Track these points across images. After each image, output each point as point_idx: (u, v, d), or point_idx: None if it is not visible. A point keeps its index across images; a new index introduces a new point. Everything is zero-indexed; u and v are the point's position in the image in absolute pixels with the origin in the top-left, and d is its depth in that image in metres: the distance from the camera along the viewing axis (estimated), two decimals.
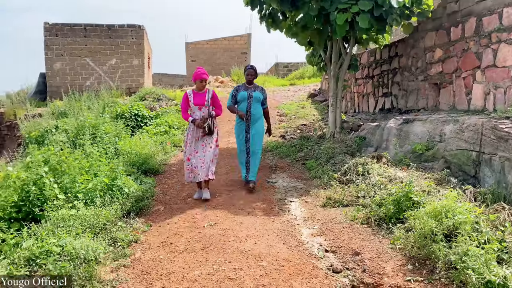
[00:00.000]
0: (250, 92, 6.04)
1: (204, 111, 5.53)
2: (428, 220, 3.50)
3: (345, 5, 6.46)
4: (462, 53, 6.73)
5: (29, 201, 4.32)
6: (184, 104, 5.63)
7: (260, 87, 6.24)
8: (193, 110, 5.55)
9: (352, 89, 11.69)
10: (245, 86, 6.17)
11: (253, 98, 6.01)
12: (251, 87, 6.14)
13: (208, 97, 5.60)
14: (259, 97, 6.07)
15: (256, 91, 6.11)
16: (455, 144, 5.37)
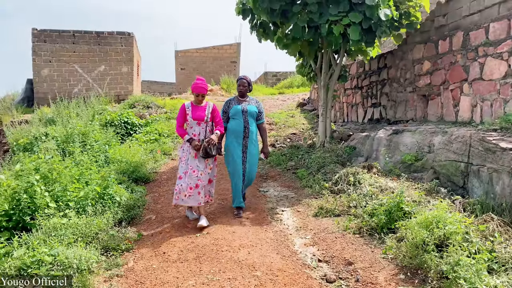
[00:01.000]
0: (244, 106, 5.31)
1: (203, 126, 4.92)
2: (419, 230, 3.56)
3: (335, 18, 6.57)
4: (450, 66, 6.89)
5: (20, 210, 4.26)
6: (180, 118, 4.96)
7: (254, 100, 5.53)
8: (191, 125, 4.92)
9: (341, 99, 11.83)
10: (237, 99, 5.43)
11: (248, 112, 5.29)
12: (244, 100, 5.42)
13: (208, 111, 4.95)
14: (254, 111, 5.35)
15: (251, 104, 5.40)
16: (444, 155, 5.47)
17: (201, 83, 4.89)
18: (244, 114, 5.27)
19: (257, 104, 5.47)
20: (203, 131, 4.90)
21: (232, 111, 5.28)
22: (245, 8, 8.16)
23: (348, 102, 11.42)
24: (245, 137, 5.24)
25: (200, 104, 4.96)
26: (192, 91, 4.98)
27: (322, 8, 6.83)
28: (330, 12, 6.63)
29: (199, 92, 4.88)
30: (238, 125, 5.23)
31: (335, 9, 6.63)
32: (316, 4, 6.81)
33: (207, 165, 4.92)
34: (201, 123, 4.91)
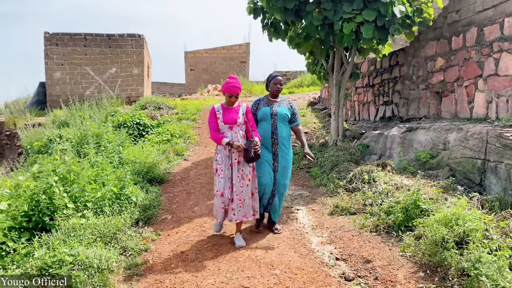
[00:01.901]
0: (274, 108, 4.55)
1: (236, 131, 4.28)
2: (438, 227, 3.54)
3: (349, 15, 6.55)
4: (464, 62, 6.83)
5: (39, 211, 4.32)
6: (213, 121, 4.30)
7: (286, 100, 4.75)
8: (222, 130, 4.28)
9: (353, 98, 11.78)
10: (267, 99, 4.65)
11: (278, 115, 4.53)
12: (275, 100, 4.65)
13: (242, 112, 4.31)
14: (286, 114, 4.58)
15: (282, 105, 4.62)
16: (459, 152, 5.43)
17: (234, 82, 4.25)
18: (273, 118, 4.52)
19: (289, 105, 4.70)
20: (235, 137, 4.26)
21: (260, 114, 4.55)
22: (257, 7, 8.17)
23: (359, 100, 11.37)
24: (274, 144, 4.53)
25: (232, 105, 4.33)
26: (223, 91, 4.35)
27: (336, 5, 6.81)
28: (344, 9, 6.61)
29: (233, 92, 4.24)
30: (266, 131, 4.52)
31: (349, 7, 6.61)
32: (330, 2, 6.79)
33: (245, 175, 4.30)
34: (233, 127, 4.27)
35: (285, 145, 4.59)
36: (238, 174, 4.27)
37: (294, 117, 4.74)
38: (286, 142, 4.60)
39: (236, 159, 4.27)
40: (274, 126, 4.53)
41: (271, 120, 4.52)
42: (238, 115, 4.28)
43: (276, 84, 4.62)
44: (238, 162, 4.28)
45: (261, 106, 4.60)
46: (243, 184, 4.27)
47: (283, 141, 4.57)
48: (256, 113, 4.57)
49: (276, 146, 4.55)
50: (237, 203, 4.25)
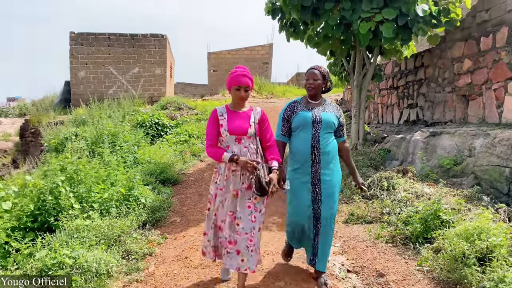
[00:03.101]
0: (316, 113, 3.30)
1: (246, 144, 3.09)
2: (459, 241, 3.26)
3: (368, 14, 6.28)
4: (493, 64, 6.44)
5: (45, 210, 4.26)
6: (212, 130, 3.14)
7: (332, 105, 3.47)
8: (226, 143, 3.11)
9: (376, 100, 11.43)
10: (306, 101, 3.40)
11: (323, 123, 3.27)
12: (317, 103, 3.38)
13: (254, 119, 3.14)
14: (332, 121, 3.32)
15: (327, 111, 3.36)
16: (486, 159, 5.09)
17: (243, 71, 3.11)
18: (316, 126, 3.26)
19: (336, 112, 3.41)
20: (245, 152, 3.07)
21: (296, 120, 3.30)
22: (275, 7, 7.98)
23: (383, 102, 11.01)
24: (314, 162, 3.25)
25: (240, 108, 3.16)
26: (229, 85, 3.14)
27: (355, 4, 6.56)
28: (362, 8, 6.35)
29: (242, 83, 3.04)
30: (304, 143, 3.26)
31: (368, 5, 6.34)
32: (348, 1, 6.54)
33: (257, 206, 3.08)
34: (242, 138, 3.07)
35: (330, 163, 3.29)
36: (248, 204, 3.04)
37: (341, 129, 3.44)
38: (331, 159, 3.30)
39: (245, 183, 3.06)
40: (316, 137, 3.23)
41: (312, 129, 3.24)
42: (249, 123, 3.09)
43: (308, 79, 3.35)
44: (249, 187, 3.04)
45: (298, 109, 3.32)
46: (255, 219, 3.03)
47: (327, 159, 3.27)
48: (290, 120, 3.34)
49: (317, 165, 3.24)
50: (245, 245, 2.99)
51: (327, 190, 3.29)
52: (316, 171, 3.27)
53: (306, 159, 3.26)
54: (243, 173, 3.07)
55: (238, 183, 3.07)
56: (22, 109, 22.93)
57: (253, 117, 3.15)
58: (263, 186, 2.96)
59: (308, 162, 3.26)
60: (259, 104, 15.89)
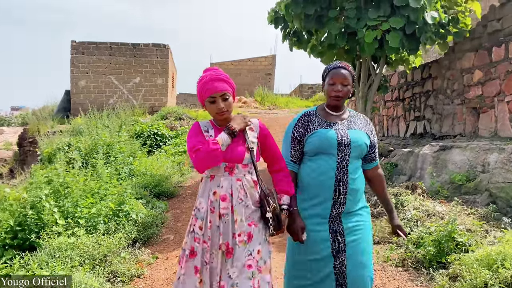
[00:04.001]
0: (342, 131, 2.31)
1: (240, 175, 2.19)
2: (480, 269, 2.91)
3: (375, 22, 6.01)
4: (506, 75, 6.14)
5: (26, 226, 3.95)
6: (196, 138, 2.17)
7: (359, 117, 2.46)
8: (211, 171, 2.19)
9: (381, 112, 11.12)
10: (324, 113, 2.40)
11: (352, 145, 2.28)
12: (338, 115, 2.38)
13: (251, 137, 2.26)
14: (364, 143, 2.33)
15: (355, 127, 2.36)
16: (501, 175, 4.76)
17: (213, 73, 2.21)
18: (343, 151, 2.25)
19: (367, 127, 2.41)
20: (238, 191, 2.16)
21: (314, 142, 2.29)
22: (278, 16, 7.76)
23: (388, 115, 10.70)
24: (337, 204, 2.24)
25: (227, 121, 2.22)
26: (200, 97, 2.23)
27: (360, 12, 6.29)
28: (369, 16, 6.08)
29: (214, 90, 2.15)
30: (324, 177, 2.25)
31: (374, 13, 6.07)
32: (354, 9, 6.29)
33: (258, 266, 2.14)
34: (235, 168, 2.18)
35: (358, 203, 2.31)
36: (248, 261, 2.10)
37: (373, 151, 2.42)
38: (360, 198, 2.33)
39: (243, 228, 2.13)
40: (343, 167, 2.23)
41: (338, 156, 2.23)
42: (245, 144, 2.21)
43: (334, 84, 2.29)
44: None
45: (314, 125, 2.32)
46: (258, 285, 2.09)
47: (355, 198, 2.28)
48: (303, 140, 2.32)
49: (340, 207, 2.23)
50: None
51: (359, 246, 2.24)
52: (338, 215, 2.23)
53: (326, 198, 2.22)
54: (237, 217, 2.10)
55: (228, 233, 2.10)
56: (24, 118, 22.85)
57: (248, 134, 2.23)
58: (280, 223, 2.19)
59: (328, 201, 2.22)
60: (261, 115, 15.63)
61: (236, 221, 2.12)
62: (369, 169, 2.44)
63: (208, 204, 2.15)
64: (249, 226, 2.15)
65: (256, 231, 2.17)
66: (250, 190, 2.19)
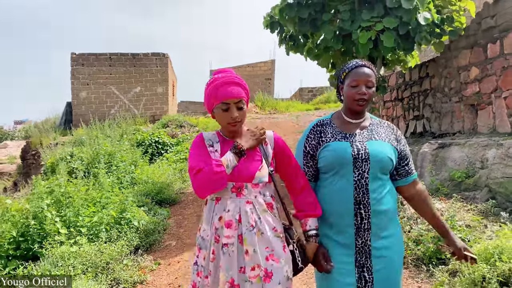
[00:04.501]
0: (359, 144, 1.94)
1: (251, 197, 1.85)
2: (478, 263, 2.93)
3: (368, 23, 6.06)
4: (502, 71, 6.16)
5: (29, 237, 3.99)
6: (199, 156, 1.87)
7: (383, 124, 2.09)
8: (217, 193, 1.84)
9: (380, 112, 11.14)
10: (341, 121, 2.05)
11: (372, 160, 1.90)
12: (358, 123, 2.03)
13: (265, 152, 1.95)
14: (387, 157, 1.92)
15: (376, 137, 1.98)
16: (500, 171, 4.77)
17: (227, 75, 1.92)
18: (360, 167, 1.90)
19: (392, 136, 2.04)
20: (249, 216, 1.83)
21: (326, 157, 1.97)
22: (273, 21, 7.82)
23: (388, 115, 10.72)
24: (360, 230, 1.89)
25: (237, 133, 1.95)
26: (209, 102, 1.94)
27: (354, 14, 6.35)
28: (362, 17, 6.14)
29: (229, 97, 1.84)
30: (341, 198, 1.91)
31: (368, 14, 6.13)
32: (348, 12, 6.34)
33: None
34: (244, 188, 1.86)
35: (387, 229, 1.94)
36: None
37: (406, 164, 2.03)
38: (389, 221, 1.95)
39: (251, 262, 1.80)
40: (361, 187, 1.88)
41: (354, 173, 1.90)
42: (259, 160, 1.91)
43: (358, 85, 1.95)
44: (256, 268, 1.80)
45: (327, 137, 1.99)
46: None
47: (382, 222, 1.92)
48: (316, 154, 2.01)
49: (366, 234, 1.89)
50: None
51: (385, 274, 1.90)
52: (364, 244, 1.89)
53: (347, 224, 1.89)
54: (247, 248, 1.78)
55: (234, 266, 1.78)
56: (27, 131, 23.01)
57: (262, 148, 1.93)
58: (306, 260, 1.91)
59: (350, 228, 1.88)
60: (261, 120, 15.67)
61: (247, 252, 1.78)
62: (405, 186, 2.01)
63: (212, 231, 1.81)
64: (266, 261, 1.78)
65: (276, 267, 1.78)
66: (264, 215, 1.84)
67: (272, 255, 1.80)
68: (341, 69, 2.09)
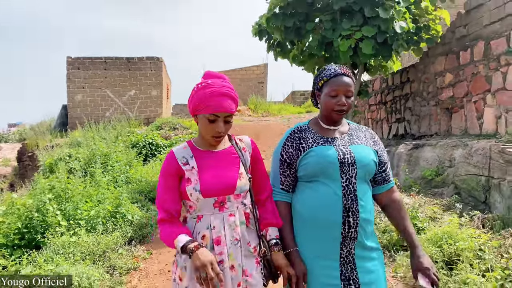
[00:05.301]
0: (344, 148, 1.87)
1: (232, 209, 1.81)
2: (428, 246, 3.36)
3: (348, 32, 6.51)
4: (472, 77, 6.63)
5: (32, 228, 4.38)
6: (165, 191, 1.81)
7: (361, 129, 2.04)
8: (198, 211, 1.80)
9: (366, 115, 11.62)
10: (319, 128, 1.97)
11: (358, 165, 1.82)
12: (336, 129, 1.95)
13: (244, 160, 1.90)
14: (372, 160, 1.87)
15: (358, 141, 1.92)
16: (464, 169, 5.22)
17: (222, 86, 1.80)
18: (347, 172, 1.81)
19: (371, 141, 1.97)
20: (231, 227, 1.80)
21: (310, 164, 1.86)
22: (262, 29, 8.25)
23: (372, 118, 11.20)
24: (346, 239, 1.79)
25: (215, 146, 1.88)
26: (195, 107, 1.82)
27: (335, 24, 6.80)
28: (342, 26, 6.58)
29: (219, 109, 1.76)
30: (328, 207, 1.79)
31: (348, 24, 6.58)
32: (329, 22, 6.79)
33: None
34: (227, 201, 1.81)
35: (370, 238, 1.87)
36: None
37: (383, 169, 1.96)
38: (373, 233, 1.92)
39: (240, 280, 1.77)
40: (350, 193, 1.79)
41: (342, 178, 1.80)
42: (239, 171, 1.85)
43: (337, 95, 1.87)
44: None
45: (308, 143, 1.90)
46: None
47: (368, 231, 1.85)
48: (296, 163, 1.91)
49: (351, 243, 1.80)
50: None
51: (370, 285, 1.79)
52: (349, 253, 1.80)
53: (334, 233, 1.78)
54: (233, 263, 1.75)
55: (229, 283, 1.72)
56: (22, 134, 23.19)
57: (240, 154, 1.88)
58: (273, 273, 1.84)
59: (337, 238, 1.78)
60: (254, 122, 16.09)
61: (233, 267, 1.74)
62: (381, 193, 1.94)
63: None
64: (241, 277, 1.76)
65: (250, 283, 1.78)
66: (241, 227, 1.79)
67: (246, 270, 1.78)
68: (318, 75, 1.97)
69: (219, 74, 1.88)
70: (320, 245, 1.79)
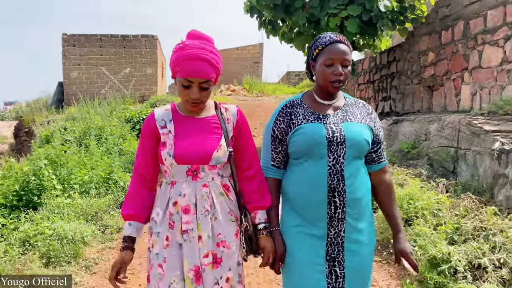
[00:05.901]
0: (334, 126, 1.77)
1: (208, 179, 1.74)
2: None
3: (335, 10, 6.73)
4: (452, 56, 6.90)
5: (29, 190, 4.69)
6: (142, 151, 1.80)
7: (358, 104, 1.90)
8: (171, 177, 1.74)
9: (355, 94, 11.90)
10: (313, 102, 1.85)
11: (348, 143, 1.73)
12: (331, 104, 1.84)
13: (226, 130, 1.79)
14: (364, 139, 1.76)
15: (352, 118, 1.81)
16: (437, 141, 5.54)
17: (197, 48, 1.66)
18: (335, 151, 1.73)
19: (368, 118, 1.86)
20: (204, 194, 1.73)
21: (298, 141, 1.78)
22: (253, 6, 8.43)
23: (361, 96, 11.47)
24: (333, 220, 1.72)
25: (198, 112, 1.79)
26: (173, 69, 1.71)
27: (323, 2, 7.01)
28: (329, 5, 6.80)
29: (192, 74, 1.64)
30: (313, 185, 1.74)
31: (334, 2, 6.79)
32: None
33: None
34: (201, 171, 1.73)
35: (362, 219, 1.80)
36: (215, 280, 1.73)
37: (377, 149, 1.89)
38: (364, 210, 1.81)
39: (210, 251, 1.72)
40: (337, 172, 1.72)
41: (329, 157, 1.73)
42: (217, 138, 1.77)
43: (333, 65, 1.75)
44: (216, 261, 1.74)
45: (299, 119, 1.81)
46: None
47: (358, 211, 1.77)
48: (286, 139, 1.83)
49: (339, 224, 1.74)
50: None
51: (356, 269, 1.76)
52: (337, 235, 1.74)
53: (319, 214, 1.73)
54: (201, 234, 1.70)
55: (196, 254, 1.69)
56: (18, 112, 23.35)
57: (223, 125, 1.79)
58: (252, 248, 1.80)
59: (323, 218, 1.73)
60: (247, 102, 16.33)
61: (200, 238, 1.69)
62: (370, 173, 1.86)
63: (167, 217, 1.71)
64: (217, 247, 1.72)
65: (226, 254, 1.73)
66: (220, 198, 1.75)
67: (224, 241, 1.73)
68: (313, 44, 1.86)
69: (202, 34, 1.73)
70: (306, 224, 1.74)
